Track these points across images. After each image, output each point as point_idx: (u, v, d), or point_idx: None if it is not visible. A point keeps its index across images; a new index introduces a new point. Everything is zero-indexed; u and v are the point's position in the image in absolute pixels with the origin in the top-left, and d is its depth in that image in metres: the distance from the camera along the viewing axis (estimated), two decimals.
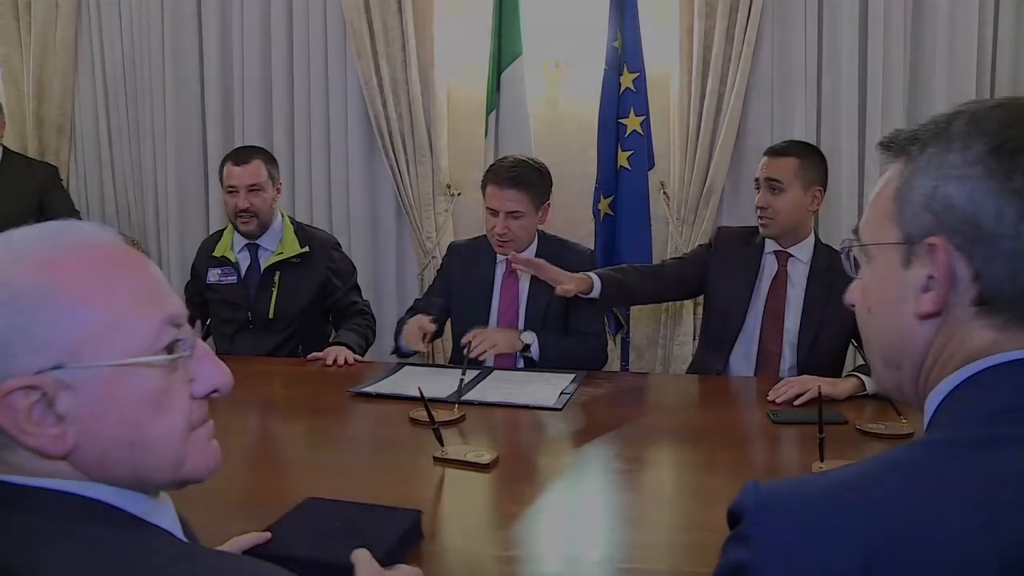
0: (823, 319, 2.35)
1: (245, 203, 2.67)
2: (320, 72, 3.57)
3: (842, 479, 0.65)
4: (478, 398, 2.07)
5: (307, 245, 2.76)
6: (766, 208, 2.37)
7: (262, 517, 1.27)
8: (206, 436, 0.77)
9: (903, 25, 3.13)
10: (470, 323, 2.49)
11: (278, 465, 1.75)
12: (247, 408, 2.16)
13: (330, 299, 2.82)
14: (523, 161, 2.49)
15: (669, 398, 2.16)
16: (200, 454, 0.76)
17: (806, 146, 2.45)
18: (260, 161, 2.72)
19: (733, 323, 2.41)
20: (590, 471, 1.69)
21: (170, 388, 0.72)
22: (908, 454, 0.65)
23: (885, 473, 0.64)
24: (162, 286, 0.74)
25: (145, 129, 3.82)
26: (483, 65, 3.40)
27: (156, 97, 3.77)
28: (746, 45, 3.15)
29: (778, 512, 0.64)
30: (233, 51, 3.67)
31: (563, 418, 1.96)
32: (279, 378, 2.44)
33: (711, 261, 2.50)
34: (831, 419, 1.84)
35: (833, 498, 0.63)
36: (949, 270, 0.68)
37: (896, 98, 3.15)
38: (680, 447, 1.85)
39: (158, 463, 0.72)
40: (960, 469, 0.62)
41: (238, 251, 2.77)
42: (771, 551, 0.63)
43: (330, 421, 2.00)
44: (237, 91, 3.68)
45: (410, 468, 1.65)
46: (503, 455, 1.66)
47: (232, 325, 2.77)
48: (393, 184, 3.54)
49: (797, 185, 2.35)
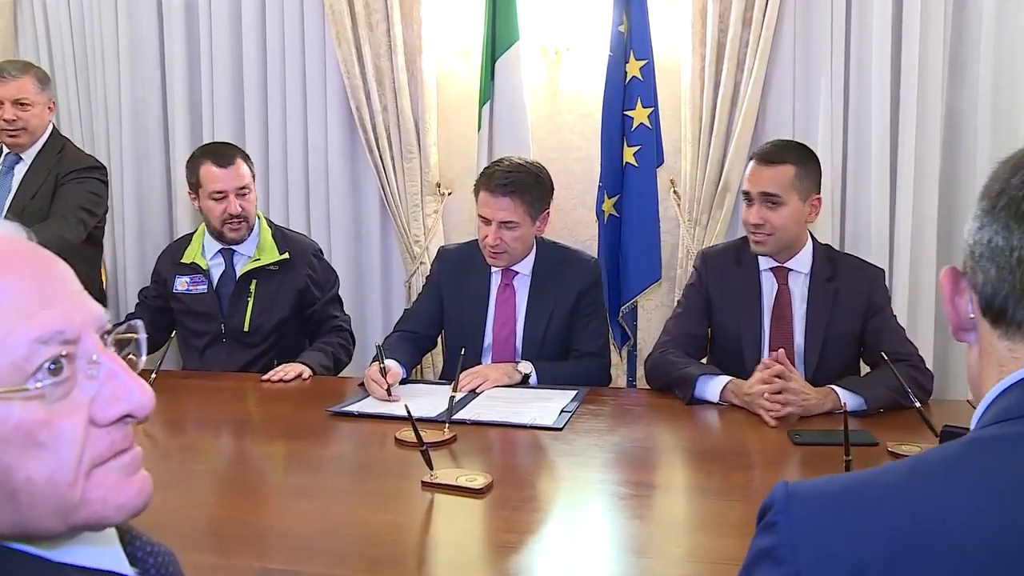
0: (828, 332, 2.37)
1: (238, 208, 2.69)
2: (296, 59, 3.59)
3: (874, 474, 0.74)
4: (470, 417, 2.09)
5: (287, 251, 2.79)
6: (762, 225, 2.34)
7: (233, 549, 1.29)
8: (121, 470, 0.70)
9: (943, 7, 3.09)
10: (463, 339, 2.51)
11: (250, 491, 1.77)
12: (216, 428, 2.18)
13: (308, 310, 2.84)
14: (520, 165, 2.51)
15: (679, 417, 2.18)
16: (111, 493, 0.69)
17: (800, 149, 2.40)
18: (241, 159, 2.75)
19: (739, 354, 2.42)
20: (593, 497, 1.71)
21: (50, 420, 0.65)
22: (943, 451, 0.73)
23: (917, 467, 0.72)
24: (46, 293, 0.67)
25: (99, 122, 3.85)
26: (476, 52, 3.43)
27: (110, 86, 3.79)
28: (765, 28, 3.16)
29: (805, 501, 0.73)
30: (200, 35, 3.69)
31: (563, 439, 1.98)
32: (252, 395, 2.46)
33: (708, 295, 2.50)
34: (860, 440, 1.87)
35: (863, 488, 0.72)
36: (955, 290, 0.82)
37: (934, 89, 3.12)
38: (692, 470, 1.87)
39: (38, 512, 0.65)
40: (991, 464, 0.69)
41: (210, 258, 2.79)
42: (797, 536, 0.70)
43: (308, 443, 2.02)
44: (205, 80, 3.70)
45: (396, 494, 1.67)
46: (498, 479, 1.68)
47: (202, 338, 2.79)
48: (377, 183, 3.57)
49: (796, 197, 2.33)
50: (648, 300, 3.55)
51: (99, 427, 0.67)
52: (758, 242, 2.38)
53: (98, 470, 0.68)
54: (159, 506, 0.77)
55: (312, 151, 3.64)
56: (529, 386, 2.43)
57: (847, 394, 2.11)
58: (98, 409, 0.67)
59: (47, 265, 0.69)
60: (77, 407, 0.66)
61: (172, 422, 2.20)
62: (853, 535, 0.68)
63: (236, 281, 2.77)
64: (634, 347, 3.43)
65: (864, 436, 1.92)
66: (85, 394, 0.67)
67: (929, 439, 1.85)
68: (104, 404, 0.68)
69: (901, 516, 0.68)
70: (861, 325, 2.37)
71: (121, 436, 0.70)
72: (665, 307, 3.51)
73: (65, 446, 0.65)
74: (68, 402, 0.66)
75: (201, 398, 2.40)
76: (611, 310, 3.28)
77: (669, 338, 2.47)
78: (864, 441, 1.89)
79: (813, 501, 0.73)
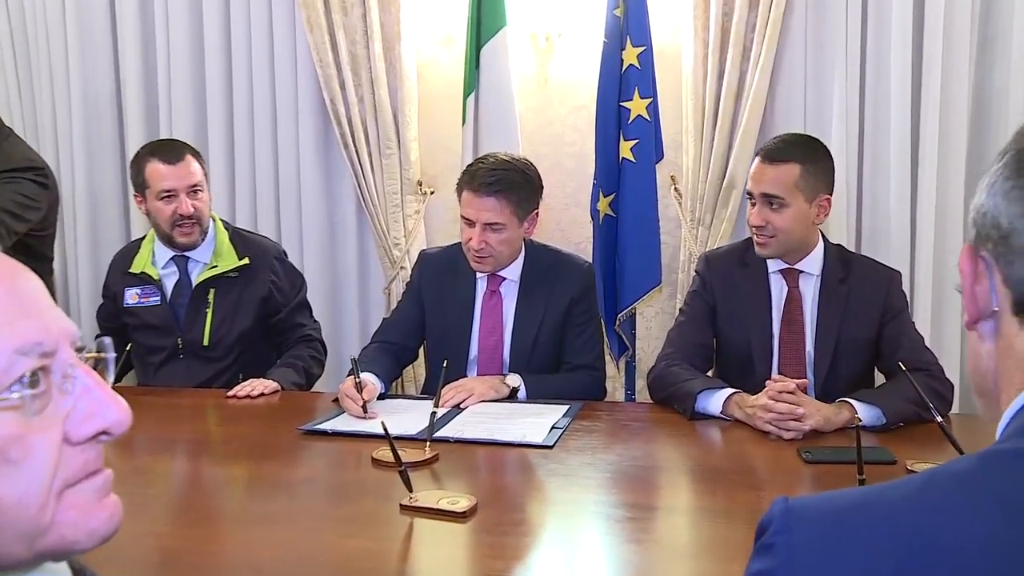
0: (840, 338, 2.38)
1: (189, 208, 2.68)
2: (263, 46, 3.59)
3: (879, 490, 0.73)
4: (454, 434, 2.10)
5: (247, 256, 2.78)
6: (764, 227, 2.36)
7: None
8: (93, 492, 0.71)
9: None
10: (446, 350, 2.52)
11: (210, 518, 1.76)
12: (173, 449, 2.17)
13: (272, 319, 2.83)
14: (506, 162, 2.51)
15: (680, 432, 2.19)
16: (82, 517, 0.69)
17: (808, 144, 2.41)
18: (192, 156, 2.74)
19: (748, 364, 2.43)
20: (586, 520, 1.71)
21: (24, 435, 0.65)
22: (957, 465, 0.72)
23: (930, 482, 0.71)
24: (22, 303, 0.68)
25: (44, 114, 3.83)
26: (460, 38, 3.45)
27: (57, 72, 3.77)
28: (774, 10, 3.17)
29: (805, 520, 0.72)
30: (155, 18, 3.67)
31: (554, 457, 1.98)
32: (214, 413, 2.45)
33: (713, 301, 2.52)
34: (876, 458, 1.88)
35: (866, 506, 0.71)
36: (974, 275, 0.78)
37: (960, 72, 3.10)
38: (693, 491, 1.88)
39: (4, 536, 0.66)
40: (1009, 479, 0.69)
41: (162, 267, 2.78)
42: (796, 557, 0.70)
43: (276, 464, 2.02)
44: (161, 68, 3.69)
45: (373, 518, 1.67)
46: (483, 502, 1.68)
47: (158, 354, 2.78)
48: (353, 181, 3.57)
49: (800, 197, 2.33)
50: (647, 307, 3.56)
51: (72, 445, 0.68)
52: (761, 244, 2.40)
53: (70, 491, 0.68)
54: None
55: (282, 147, 3.63)
56: (517, 401, 2.44)
57: (863, 407, 2.12)
58: (72, 426, 0.68)
59: (19, 274, 0.70)
60: (51, 423, 0.67)
61: (123, 443, 2.17)
62: (859, 555, 0.68)
63: (192, 291, 2.75)
64: (633, 358, 3.44)
65: (881, 453, 1.93)
66: (59, 410, 0.68)
67: (952, 456, 1.85)
68: (79, 420, 0.69)
69: (912, 534, 0.67)
70: (876, 331, 2.38)
71: (94, 455, 0.71)
72: (666, 314, 3.52)
73: (38, 464, 0.66)
74: (43, 418, 0.67)
75: (157, 416, 2.39)
76: (607, 318, 3.29)
77: (673, 349, 2.48)
78: (880, 459, 1.89)
79: (815, 519, 0.72)
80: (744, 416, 2.17)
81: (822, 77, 3.26)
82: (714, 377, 2.49)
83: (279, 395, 2.56)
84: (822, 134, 2.91)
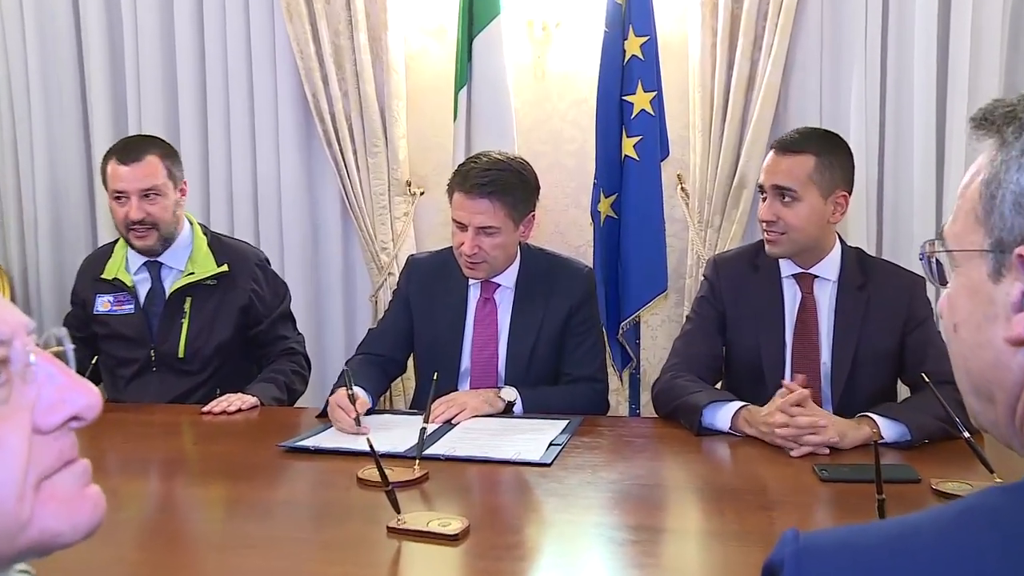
0: (860, 348, 2.39)
1: (139, 213, 2.67)
2: (240, 36, 3.61)
3: (902, 529, 0.68)
4: (445, 452, 2.11)
5: (226, 263, 2.79)
6: (774, 222, 2.37)
7: None
8: (73, 481, 0.73)
9: None
10: (437, 361, 2.53)
11: (186, 544, 1.77)
12: (145, 469, 2.18)
13: (253, 330, 2.85)
14: (500, 161, 2.52)
15: (687, 449, 2.19)
16: (63, 508, 0.71)
17: (825, 137, 2.43)
18: (156, 156, 2.72)
19: (759, 375, 2.44)
20: (586, 543, 1.72)
21: None
22: (984, 500, 0.68)
23: (958, 517, 0.67)
24: None
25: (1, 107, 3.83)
26: (451, 28, 3.46)
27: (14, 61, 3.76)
28: None
29: (822, 559, 0.68)
30: (122, 4, 3.68)
31: (552, 476, 1.99)
32: (189, 430, 2.46)
33: (722, 308, 2.53)
34: (898, 476, 1.88)
35: (890, 545, 0.67)
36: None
37: (991, 61, 3.11)
38: (701, 512, 1.89)
39: None
40: None
41: (135, 272, 2.79)
42: None
43: (255, 484, 2.02)
44: (129, 60, 3.71)
45: (358, 542, 1.68)
46: (475, 524, 1.69)
47: (129, 367, 2.78)
48: (337, 182, 3.59)
49: (814, 191, 2.34)
50: (652, 315, 3.58)
51: (44, 434, 0.70)
52: (771, 241, 2.40)
53: (47, 483, 0.70)
54: (74, 562, 0.77)
55: (260, 145, 3.65)
56: (513, 416, 2.45)
57: (886, 423, 2.12)
58: (41, 415, 0.70)
59: None
60: (17, 413, 0.68)
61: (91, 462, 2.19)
62: None
63: (166, 300, 2.76)
64: (637, 369, 3.46)
65: (903, 471, 1.93)
66: (24, 399, 0.69)
67: (981, 475, 1.86)
68: (47, 409, 0.70)
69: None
70: (898, 341, 2.39)
71: (69, 444, 0.72)
72: (672, 322, 3.54)
73: (10, 456, 0.67)
74: (8, 408, 0.68)
75: (127, 434, 2.40)
76: (610, 327, 3.31)
77: (679, 360, 2.49)
78: (903, 477, 1.89)
79: (832, 559, 0.68)
80: (756, 432, 2.18)
81: (840, 67, 3.27)
82: (723, 389, 2.50)
83: (258, 411, 2.57)
84: (840, 129, 2.90)
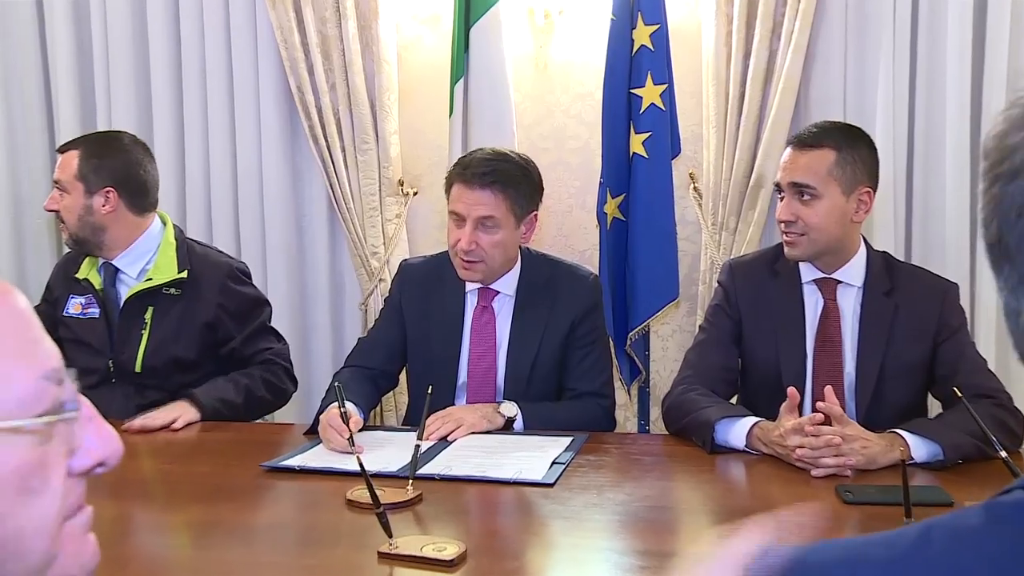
0: (887, 359, 2.38)
1: (53, 204, 2.73)
2: (219, 24, 3.61)
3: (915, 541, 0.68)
4: (440, 471, 2.10)
5: (187, 269, 2.73)
6: (793, 222, 2.36)
7: None
8: (82, 528, 0.78)
9: None
10: (432, 374, 2.52)
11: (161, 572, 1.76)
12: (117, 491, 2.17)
13: (225, 347, 2.79)
14: (503, 154, 2.53)
15: (699, 468, 2.19)
16: (76, 550, 0.76)
17: (847, 131, 2.42)
18: (76, 152, 2.72)
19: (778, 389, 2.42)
20: (592, 569, 1.72)
21: (44, 463, 0.71)
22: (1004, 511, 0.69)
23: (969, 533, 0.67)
24: (30, 325, 0.74)
25: None
26: (447, 16, 3.48)
27: None
28: None
29: None
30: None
31: (555, 497, 1.98)
32: (164, 449, 2.45)
33: (738, 316, 2.52)
34: (929, 499, 1.86)
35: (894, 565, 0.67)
36: None
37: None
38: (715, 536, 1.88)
39: (14, 569, 0.71)
40: None
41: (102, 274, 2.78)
42: None
43: (236, 507, 2.02)
44: (98, 47, 3.71)
45: (346, 568, 1.68)
46: (473, 548, 1.69)
47: (89, 376, 2.72)
48: (324, 181, 3.60)
49: (835, 188, 2.34)
50: (663, 324, 3.58)
51: (72, 476, 0.75)
52: (790, 243, 2.40)
53: (68, 524, 0.75)
54: None
55: (240, 141, 3.66)
56: (513, 432, 2.44)
57: (917, 441, 2.09)
58: (75, 458, 0.75)
59: (11, 294, 0.75)
60: (60, 453, 0.73)
61: None
62: None
63: (120, 308, 2.74)
64: (646, 383, 3.45)
65: (935, 494, 1.91)
66: (65, 441, 0.74)
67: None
68: (81, 452, 0.75)
69: None
70: (929, 351, 2.38)
71: (83, 489, 0.77)
72: (684, 332, 3.54)
73: (51, 495, 0.72)
74: (53, 448, 0.72)
75: None
76: (617, 338, 3.30)
77: (691, 372, 2.49)
78: (934, 500, 1.87)
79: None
80: (771, 450, 2.17)
81: (865, 57, 3.27)
82: (739, 404, 2.49)
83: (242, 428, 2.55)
84: (865, 124, 2.91)
